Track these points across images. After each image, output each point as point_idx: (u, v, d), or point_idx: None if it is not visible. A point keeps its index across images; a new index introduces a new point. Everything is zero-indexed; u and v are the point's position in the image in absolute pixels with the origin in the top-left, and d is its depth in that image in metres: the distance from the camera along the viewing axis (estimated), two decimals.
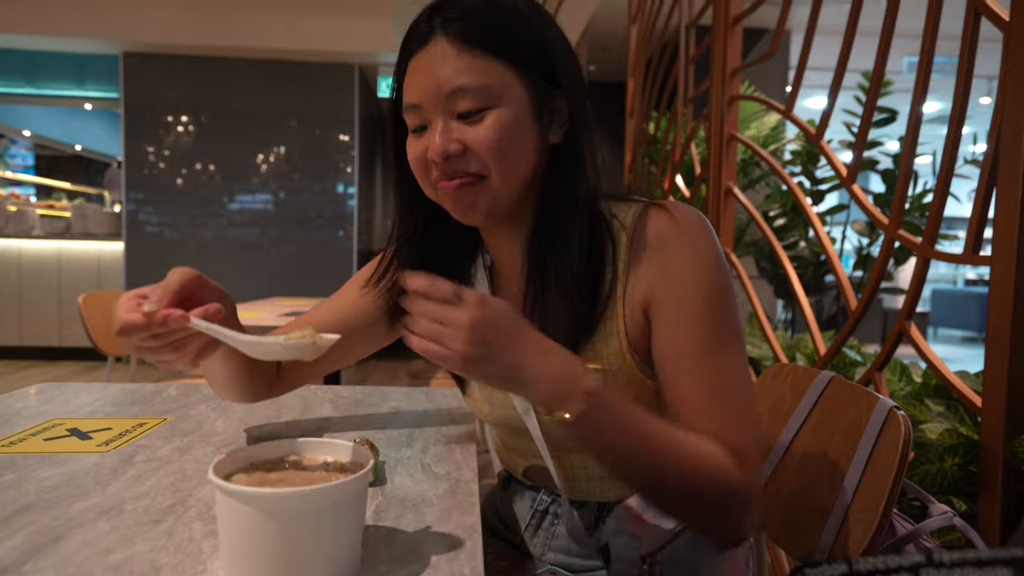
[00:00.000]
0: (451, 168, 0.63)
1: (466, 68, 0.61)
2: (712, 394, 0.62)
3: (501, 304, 0.55)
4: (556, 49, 0.66)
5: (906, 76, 5.45)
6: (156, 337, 0.55)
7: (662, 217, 0.65)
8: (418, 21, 0.65)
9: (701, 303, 0.63)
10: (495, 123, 0.62)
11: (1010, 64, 1.03)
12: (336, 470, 0.52)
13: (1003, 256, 1.03)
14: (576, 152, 0.67)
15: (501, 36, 0.63)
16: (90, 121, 8.19)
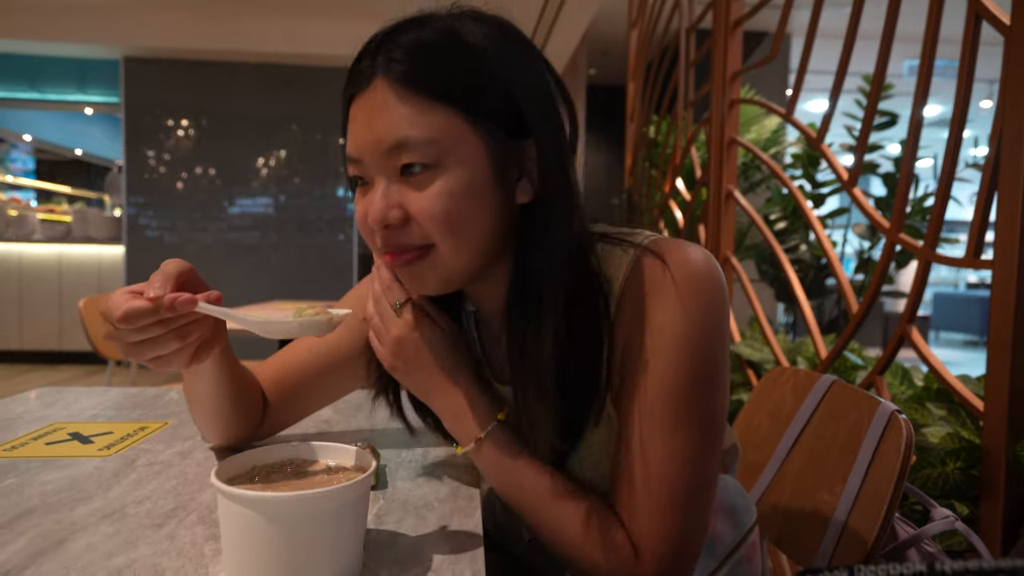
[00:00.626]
0: (393, 240, 0.55)
1: (408, 118, 0.52)
2: (644, 474, 0.54)
3: (433, 331, 0.60)
4: (526, 90, 0.55)
5: (907, 79, 5.46)
6: (162, 323, 0.51)
7: (656, 267, 0.55)
8: (361, 55, 0.56)
9: (676, 370, 0.54)
10: (443, 190, 0.52)
11: (1011, 68, 1.03)
12: (338, 474, 0.52)
13: (1005, 260, 1.03)
14: (549, 215, 0.56)
15: (453, 79, 0.53)
16: (90, 125, 8.21)
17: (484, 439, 0.59)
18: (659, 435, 0.54)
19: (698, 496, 0.55)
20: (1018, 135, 1.01)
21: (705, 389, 0.55)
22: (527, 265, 0.56)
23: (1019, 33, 1.01)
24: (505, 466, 0.59)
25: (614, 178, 6.52)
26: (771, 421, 0.97)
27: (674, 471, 0.54)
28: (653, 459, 0.54)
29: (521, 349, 0.57)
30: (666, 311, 0.54)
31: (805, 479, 0.86)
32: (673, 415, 0.54)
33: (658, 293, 0.55)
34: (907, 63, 5.48)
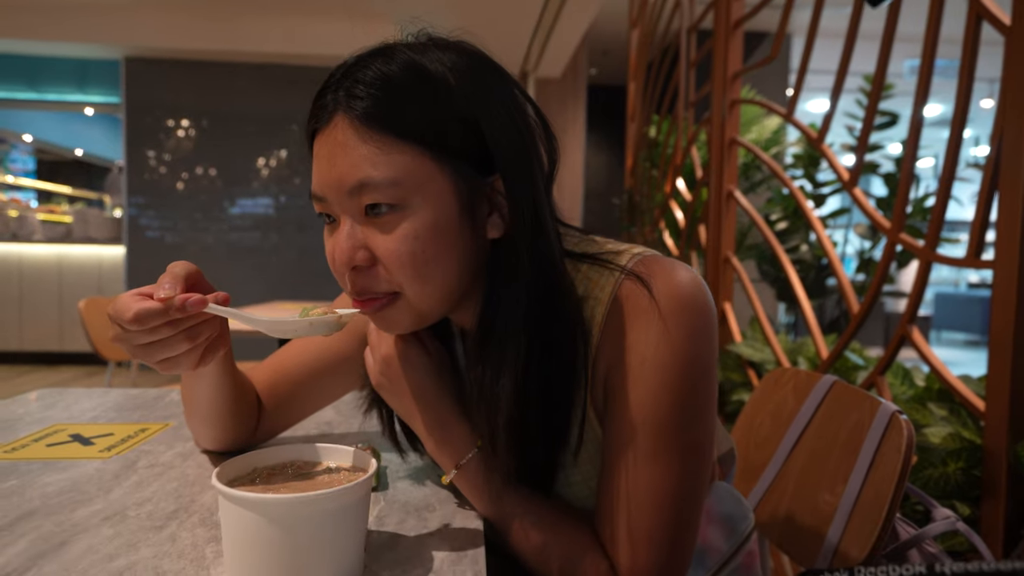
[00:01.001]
0: (360, 283, 0.53)
1: (370, 158, 0.50)
2: (625, 505, 0.53)
3: (421, 354, 0.60)
4: (493, 123, 0.52)
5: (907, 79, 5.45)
6: (172, 324, 0.50)
7: (641, 294, 0.54)
8: (323, 90, 0.54)
9: (660, 399, 0.53)
10: (408, 231, 0.51)
11: (1011, 68, 1.03)
12: (339, 475, 0.52)
13: (1006, 259, 1.03)
14: (519, 251, 0.53)
15: (417, 116, 0.51)
16: (91, 126, 8.22)
17: (463, 466, 0.59)
18: (641, 466, 0.53)
19: (681, 528, 0.54)
20: (1018, 135, 1.01)
21: (689, 418, 0.54)
22: (494, 302, 0.55)
23: (1019, 33, 1.01)
24: (484, 494, 0.59)
25: (615, 178, 6.52)
26: (772, 421, 0.97)
27: (656, 503, 0.53)
28: (635, 491, 0.53)
29: (480, 392, 0.56)
30: (650, 339, 0.53)
31: (806, 479, 0.86)
32: (655, 446, 0.53)
33: (642, 320, 0.54)
34: (908, 63, 5.48)
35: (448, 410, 0.61)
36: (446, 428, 0.60)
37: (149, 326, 0.49)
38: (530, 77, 5.21)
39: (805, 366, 1.73)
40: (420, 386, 0.60)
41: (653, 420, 0.53)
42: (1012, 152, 1.02)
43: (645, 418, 0.53)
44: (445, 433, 0.60)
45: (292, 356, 0.75)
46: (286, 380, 0.75)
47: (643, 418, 0.53)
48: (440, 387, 0.61)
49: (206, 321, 0.53)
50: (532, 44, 4.62)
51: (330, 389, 0.76)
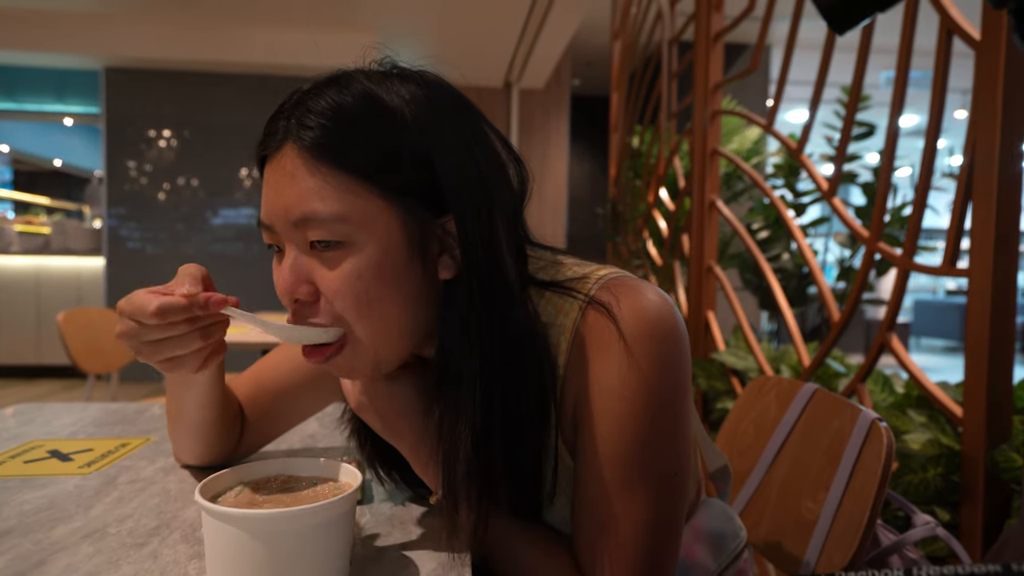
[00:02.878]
0: (302, 315, 0.51)
1: (316, 192, 0.48)
2: (603, 543, 0.52)
3: (403, 382, 0.57)
4: (446, 160, 0.50)
5: (884, 90, 5.56)
6: (190, 322, 0.49)
7: (602, 321, 0.52)
8: (275, 115, 0.53)
9: (621, 432, 0.51)
10: (352, 270, 0.49)
11: (981, 81, 1.05)
12: (324, 489, 0.51)
13: (980, 268, 1.05)
14: (472, 292, 0.51)
15: (367, 150, 0.49)
16: (70, 136, 8.12)
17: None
18: (615, 498, 0.51)
19: (659, 556, 0.52)
20: (990, 146, 1.04)
21: (660, 448, 0.52)
22: (448, 347, 0.52)
23: (988, 48, 1.04)
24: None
25: (598, 188, 6.57)
26: (756, 429, 0.98)
27: (632, 535, 0.51)
28: (610, 523, 0.52)
29: (438, 438, 0.53)
30: (616, 368, 0.51)
31: (790, 487, 0.87)
32: (626, 477, 0.51)
33: (606, 349, 0.51)
34: (884, 74, 5.59)
35: (423, 439, 0.57)
36: (431, 454, 0.57)
37: (169, 320, 0.48)
38: (514, 88, 5.24)
39: (788, 374, 1.75)
40: (403, 405, 0.57)
41: (622, 452, 0.51)
42: (984, 163, 1.05)
43: (615, 450, 0.51)
44: (430, 459, 0.57)
45: (274, 367, 0.73)
46: (268, 392, 0.73)
47: (613, 450, 0.51)
48: (424, 411, 0.57)
49: (219, 323, 0.51)
50: (516, 55, 4.65)
51: (314, 400, 0.75)
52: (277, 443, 0.85)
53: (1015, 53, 1.02)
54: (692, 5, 2.20)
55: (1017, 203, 1.04)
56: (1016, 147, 1.03)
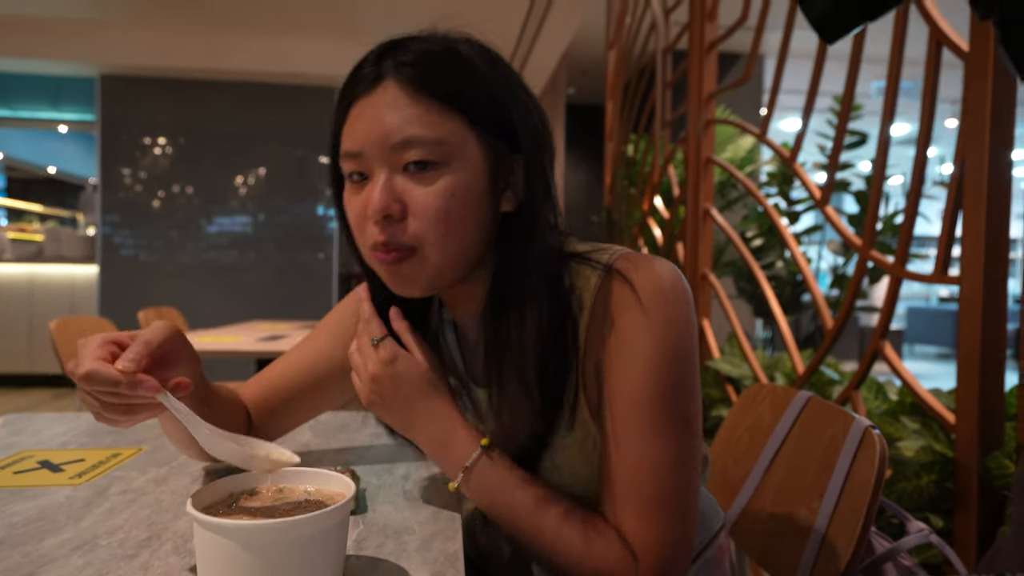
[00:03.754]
0: (389, 232, 0.56)
1: (419, 118, 0.55)
2: (631, 480, 0.56)
3: (408, 366, 0.61)
4: (519, 108, 0.59)
5: (875, 99, 5.60)
6: (116, 395, 0.52)
7: (623, 289, 0.58)
8: (364, 63, 0.59)
9: (646, 377, 0.56)
10: (444, 188, 0.55)
11: (970, 92, 1.07)
12: (317, 499, 0.51)
13: (971, 276, 1.06)
14: (532, 224, 0.59)
15: (460, 88, 0.56)
16: (64, 143, 8.09)
17: (471, 467, 0.60)
18: (641, 442, 0.56)
19: (685, 497, 0.57)
20: (979, 156, 1.05)
21: (679, 394, 0.57)
22: (508, 267, 0.59)
23: (977, 59, 1.05)
24: (496, 491, 0.60)
25: (594, 196, 6.59)
26: (750, 437, 0.98)
27: (660, 475, 0.56)
28: (638, 466, 0.56)
29: (505, 340, 0.58)
30: (633, 327, 0.57)
31: (784, 494, 0.87)
32: (651, 422, 0.56)
33: (625, 310, 0.57)
34: (875, 84, 5.63)
35: (447, 415, 0.61)
36: (447, 434, 0.61)
37: (95, 388, 0.51)
38: None
39: (782, 381, 1.75)
40: (413, 397, 0.61)
41: (648, 399, 0.56)
42: (974, 172, 1.06)
43: (638, 399, 0.56)
44: (447, 439, 0.61)
45: (282, 371, 0.76)
46: (275, 394, 0.76)
47: (636, 399, 0.56)
48: (434, 394, 0.61)
49: (148, 404, 0.55)
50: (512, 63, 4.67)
51: (319, 401, 0.78)
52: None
53: (1003, 64, 1.03)
54: (686, 15, 2.22)
55: (1006, 211, 1.05)
56: (1004, 156, 1.04)
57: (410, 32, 0.60)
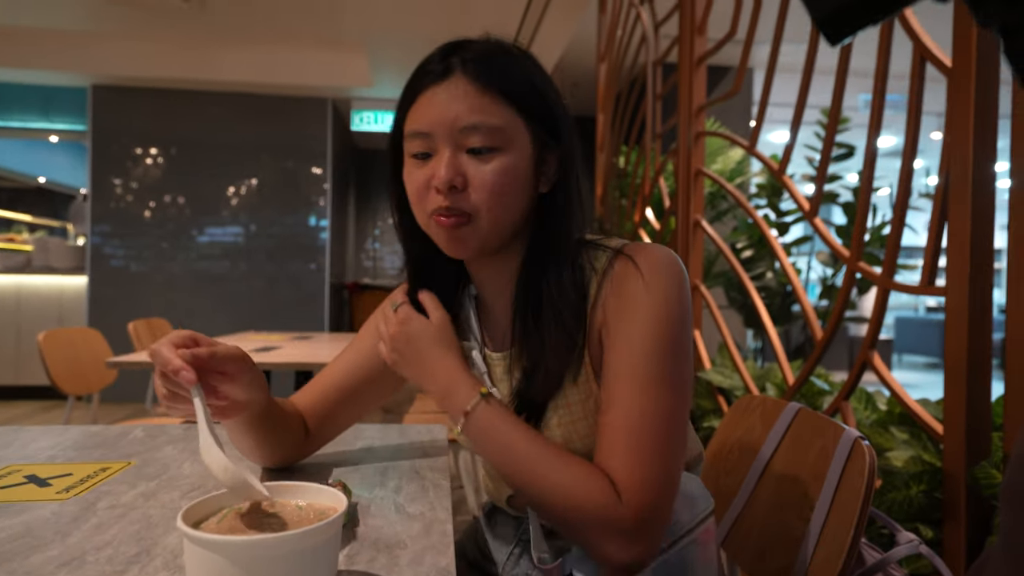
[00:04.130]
0: (452, 199, 0.65)
1: (483, 108, 0.65)
2: (623, 426, 0.62)
3: (421, 324, 0.72)
4: (559, 106, 0.70)
5: (862, 112, 5.67)
6: (164, 376, 0.61)
7: (628, 265, 0.67)
8: (430, 59, 0.68)
9: (644, 336, 0.63)
10: (500, 167, 0.65)
11: (953, 106, 1.08)
12: (308, 514, 0.51)
13: (956, 287, 1.07)
14: (564, 204, 0.70)
15: (516, 85, 0.67)
16: (55, 153, 8.05)
17: (471, 411, 0.67)
18: (635, 394, 0.63)
19: (673, 447, 0.63)
20: (963, 169, 1.06)
21: (675, 353, 0.64)
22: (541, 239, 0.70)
23: (960, 74, 1.07)
24: (493, 433, 0.66)
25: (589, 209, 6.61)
26: (741, 448, 0.98)
27: (650, 424, 0.62)
28: (634, 414, 0.62)
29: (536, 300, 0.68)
30: (635, 294, 0.65)
31: (775, 506, 0.87)
32: (646, 377, 0.63)
33: (628, 281, 0.66)
34: (862, 97, 5.70)
35: (452, 365, 0.70)
36: (452, 382, 0.69)
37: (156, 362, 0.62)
38: None
39: (773, 392, 1.76)
40: (423, 349, 0.71)
41: (643, 356, 0.63)
42: (958, 184, 1.08)
43: (636, 355, 0.63)
44: (451, 386, 0.69)
45: (330, 374, 0.85)
46: (329, 399, 0.84)
47: (634, 355, 0.63)
48: (442, 347, 0.71)
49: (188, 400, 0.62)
50: None
51: (368, 399, 0.86)
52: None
53: (985, 79, 1.05)
54: (676, 29, 2.24)
55: (991, 223, 1.07)
56: (988, 169, 1.06)
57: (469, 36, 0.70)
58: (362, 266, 7.58)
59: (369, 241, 7.62)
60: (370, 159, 7.40)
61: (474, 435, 0.67)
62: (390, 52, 4.55)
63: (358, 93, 5.18)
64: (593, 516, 0.60)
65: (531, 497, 0.65)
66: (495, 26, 0.74)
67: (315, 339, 3.05)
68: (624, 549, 0.60)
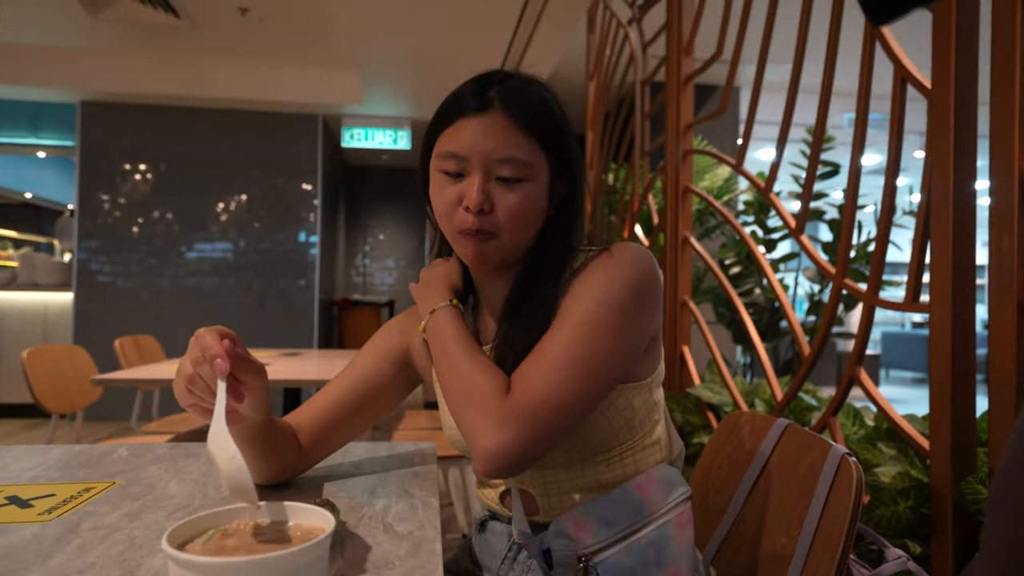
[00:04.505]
0: (480, 222, 0.74)
1: (517, 144, 0.73)
2: (542, 349, 0.69)
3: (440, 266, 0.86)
4: (573, 144, 0.79)
5: (847, 131, 5.76)
6: (199, 362, 0.64)
7: (603, 255, 0.76)
8: (465, 90, 0.76)
9: (594, 290, 0.71)
10: (525, 196, 0.74)
11: (933, 126, 1.11)
12: (296, 534, 0.50)
13: (940, 303, 1.09)
14: (569, 227, 0.81)
15: (544, 126, 0.76)
16: (42, 169, 8.00)
17: (436, 311, 0.79)
18: (567, 331, 0.69)
19: (572, 386, 0.67)
20: (944, 187, 1.08)
21: (616, 308, 0.70)
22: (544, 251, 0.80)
23: (939, 95, 1.10)
24: (442, 329, 0.77)
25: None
26: (730, 465, 0.98)
27: (568, 354, 0.68)
28: (556, 345, 0.69)
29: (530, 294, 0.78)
30: (597, 268, 0.74)
31: (764, 522, 0.87)
32: (582, 320, 0.69)
33: (600, 264, 0.74)
34: (847, 116, 5.80)
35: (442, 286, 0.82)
36: (434, 291, 0.82)
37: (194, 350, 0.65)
38: None
39: (762, 408, 1.77)
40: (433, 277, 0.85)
41: (586, 301, 0.71)
42: (940, 202, 1.10)
43: (581, 302, 0.71)
44: (432, 293, 0.82)
45: (329, 393, 0.88)
46: (324, 417, 0.86)
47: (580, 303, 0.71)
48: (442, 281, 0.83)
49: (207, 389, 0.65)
50: None
51: (368, 413, 0.89)
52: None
53: (964, 100, 1.07)
54: (663, 49, 2.28)
55: (972, 240, 1.09)
56: (968, 187, 1.08)
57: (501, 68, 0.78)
58: (352, 282, 7.55)
59: (359, 257, 7.61)
60: (360, 175, 7.41)
61: (430, 330, 0.79)
62: (381, 69, 4.58)
63: (349, 110, 5.21)
64: (476, 399, 0.67)
65: (445, 387, 0.73)
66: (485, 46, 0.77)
67: (304, 356, 3.03)
68: (490, 434, 0.65)
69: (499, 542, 0.84)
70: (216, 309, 5.03)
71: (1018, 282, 0.98)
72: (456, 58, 4.11)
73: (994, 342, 1.00)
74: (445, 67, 4.30)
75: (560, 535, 0.75)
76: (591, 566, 0.72)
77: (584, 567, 0.72)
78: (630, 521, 0.75)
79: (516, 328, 0.76)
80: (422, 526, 0.70)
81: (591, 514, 0.75)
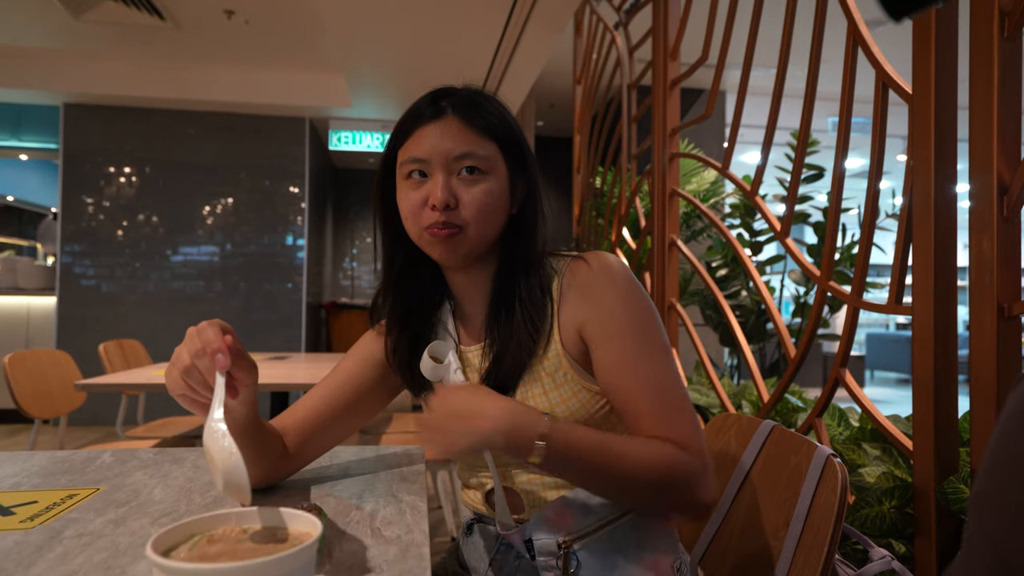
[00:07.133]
0: (446, 216, 0.76)
1: (472, 140, 0.78)
2: (651, 393, 0.73)
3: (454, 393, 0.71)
4: (525, 143, 0.84)
5: (831, 135, 5.83)
6: (199, 355, 0.65)
7: (582, 266, 0.80)
8: (421, 103, 0.81)
9: (624, 318, 0.76)
10: (486, 188, 0.78)
11: (915, 131, 1.12)
12: (283, 539, 0.50)
13: (922, 305, 1.10)
14: (530, 223, 0.83)
15: (496, 124, 0.80)
16: (24, 171, 7.89)
17: (548, 432, 0.67)
18: (638, 365, 0.74)
19: (685, 396, 0.75)
20: (925, 191, 1.10)
21: (649, 321, 0.77)
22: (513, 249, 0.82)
23: (920, 100, 1.12)
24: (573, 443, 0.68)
25: (562, 226, 6.67)
26: (718, 466, 0.99)
27: (665, 387, 0.74)
28: (645, 383, 0.73)
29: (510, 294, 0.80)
30: (601, 286, 0.78)
31: (751, 524, 0.88)
32: (642, 343, 0.75)
33: (590, 278, 0.79)
34: (831, 119, 5.87)
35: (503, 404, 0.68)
36: (515, 415, 0.67)
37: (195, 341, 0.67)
38: None
39: (749, 409, 1.78)
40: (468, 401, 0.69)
41: (631, 329, 0.75)
42: (921, 205, 1.11)
43: (624, 330, 0.75)
44: (516, 419, 0.67)
45: (313, 397, 0.88)
46: (309, 421, 0.87)
47: (624, 331, 0.75)
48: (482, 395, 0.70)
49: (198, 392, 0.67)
50: None
51: (354, 417, 0.90)
52: None
53: (944, 105, 1.09)
54: (650, 53, 2.30)
55: (953, 243, 1.10)
56: (949, 191, 1.09)
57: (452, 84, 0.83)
58: (340, 285, 7.52)
59: (347, 260, 7.57)
60: (348, 178, 7.38)
61: (559, 449, 0.67)
62: (368, 72, 4.57)
63: (336, 113, 5.19)
64: (679, 474, 0.69)
65: (616, 483, 0.70)
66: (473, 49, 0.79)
67: (292, 359, 3.01)
68: (707, 490, 0.70)
69: (488, 544, 0.84)
70: (203, 313, 4.98)
71: (998, 284, 0.99)
72: (444, 62, 4.11)
73: (975, 343, 1.02)
74: (433, 71, 4.30)
75: (541, 524, 0.77)
76: (571, 552, 0.76)
77: (564, 553, 0.75)
78: (610, 510, 0.78)
79: (506, 325, 0.79)
80: (410, 530, 0.70)
81: (572, 504, 0.78)
